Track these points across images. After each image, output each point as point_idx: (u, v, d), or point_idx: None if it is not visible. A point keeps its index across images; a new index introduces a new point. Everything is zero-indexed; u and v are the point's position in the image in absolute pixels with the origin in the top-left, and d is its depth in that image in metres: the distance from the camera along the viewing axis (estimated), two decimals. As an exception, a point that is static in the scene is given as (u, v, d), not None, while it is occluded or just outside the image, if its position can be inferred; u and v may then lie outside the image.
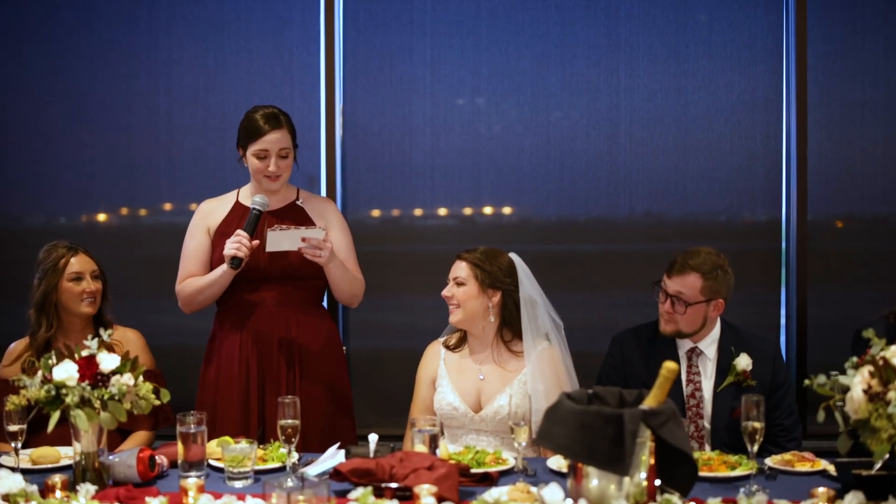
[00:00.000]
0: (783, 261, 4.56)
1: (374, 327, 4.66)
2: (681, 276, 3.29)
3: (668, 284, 3.32)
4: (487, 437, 3.31)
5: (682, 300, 3.29)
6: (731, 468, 2.80)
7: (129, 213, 4.74)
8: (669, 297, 3.31)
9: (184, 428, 2.75)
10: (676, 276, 3.30)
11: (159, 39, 4.66)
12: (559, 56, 4.59)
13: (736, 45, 4.53)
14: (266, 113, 3.53)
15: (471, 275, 3.37)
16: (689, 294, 3.28)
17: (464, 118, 4.63)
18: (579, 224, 4.61)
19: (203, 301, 3.56)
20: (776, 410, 3.30)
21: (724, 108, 4.54)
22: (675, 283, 3.31)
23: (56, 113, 4.69)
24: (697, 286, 3.28)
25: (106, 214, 4.76)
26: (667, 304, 3.32)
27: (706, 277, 3.29)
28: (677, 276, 3.30)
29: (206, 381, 3.60)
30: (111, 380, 2.57)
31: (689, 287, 3.29)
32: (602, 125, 4.57)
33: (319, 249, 3.37)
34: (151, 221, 4.73)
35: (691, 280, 3.28)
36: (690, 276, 3.28)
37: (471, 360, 3.44)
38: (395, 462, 2.57)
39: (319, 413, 3.50)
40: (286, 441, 2.80)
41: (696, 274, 3.29)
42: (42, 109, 4.69)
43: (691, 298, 3.28)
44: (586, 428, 2.26)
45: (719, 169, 4.54)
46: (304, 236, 3.35)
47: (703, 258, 3.31)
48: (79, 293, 3.48)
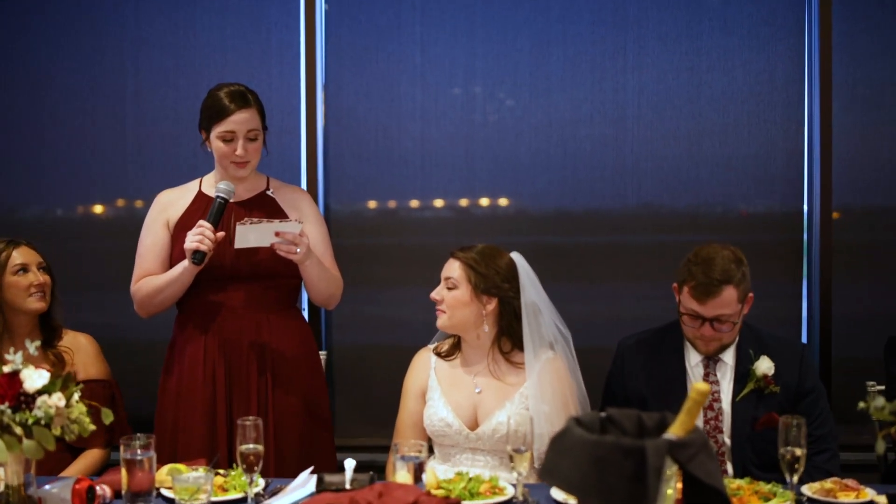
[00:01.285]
0: (805, 253, 4.23)
1: (359, 323, 4.32)
2: (716, 297, 2.89)
3: (704, 311, 2.91)
4: (484, 457, 2.92)
5: (724, 319, 2.92)
6: (765, 500, 2.43)
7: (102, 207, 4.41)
8: (707, 322, 2.93)
9: (128, 454, 2.36)
10: (711, 300, 2.89)
11: (126, 14, 4.31)
12: (560, 33, 4.24)
13: (754, 21, 4.19)
14: (232, 91, 3.15)
15: (464, 277, 2.98)
16: (730, 311, 2.91)
17: (457, 102, 4.28)
18: (583, 215, 4.27)
19: (161, 302, 3.17)
20: (807, 420, 2.92)
21: (741, 90, 4.20)
22: (711, 307, 2.90)
23: (13, 97, 4.33)
24: (734, 297, 2.90)
25: (84, 207, 4.43)
26: (705, 329, 2.93)
27: (738, 285, 2.91)
28: (712, 300, 2.89)
29: (165, 393, 3.21)
30: (37, 401, 2.18)
31: (728, 303, 2.90)
32: (608, 108, 4.22)
33: (295, 245, 2.99)
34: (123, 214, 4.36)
35: (728, 295, 2.89)
36: (726, 292, 2.89)
37: (465, 370, 3.05)
38: (373, 497, 2.18)
39: (295, 428, 3.14)
40: (247, 470, 2.42)
41: (729, 287, 2.89)
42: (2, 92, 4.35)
43: (734, 314, 2.92)
44: (601, 462, 1.87)
45: (735, 156, 4.21)
46: (277, 230, 2.98)
47: (725, 264, 2.90)
48: (25, 287, 3.13)
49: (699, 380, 2.99)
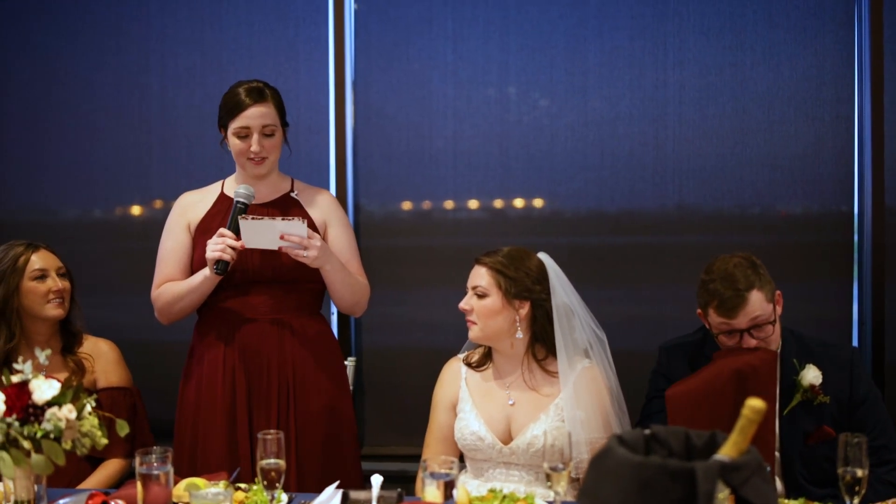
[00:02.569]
0: (856, 254, 4.05)
1: (390, 326, 4.22)
2: (743, 307, 2.75)
3: (737, 323, 2.77)
4: (519, 472, 2.78)
5: (761, 323, 2.77)
6: (821, 522, 2.27)
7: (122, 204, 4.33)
8: (745, 333, 2.78)
9: (144, 468, 2.25)
10: (740, 311, 2.76)
11: (151, 11, 4.24)
12: (598, 27, 4.10)
13: (801, 13, 4.02)
14: (249, 87, 3.06)
15: (493, 283, 2.83)
16: (763, 313, 2.76)
17: (490, 100, 4.16)
18: (621, 216, 4.12)
19: (182, 310, 3.07)
20: (864, 430, 2.75)
21: (788, 86, 4.03)
22: (742, 317, 2.76)
23: (34, 96, 4.29)
24: (762, 299, 2.76)
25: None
26: (746, 340, 2.78)
27: (762, 287, 2.77)
28: (741, 310, 2.75)
29: (184, 401, 3.11)
30: (46, 413, 2.07)
31: (758, 307, 2.76)
32: (647, 106, 4.08)
33: (304, 248, 2.87)
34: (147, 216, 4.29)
35: (755, 301, 2.75)
36: (752, 299, 2.75)
37: (498, 381, 2.91)
38: (401, 518, 2.05)
39: (318, 438, 3.03)
40: (268, 486, 2.29)
41: (753, 291, 2.75)
42: (22, 90, 4.30)
43: (769, 315, 2.78)
44: (647, 486, 1.73)
45: (781, 155, 4.04)
46: (282, 231, 2.86)
47: (741, 272, 2.78)
48: (44, 293, 3.03)
49: None
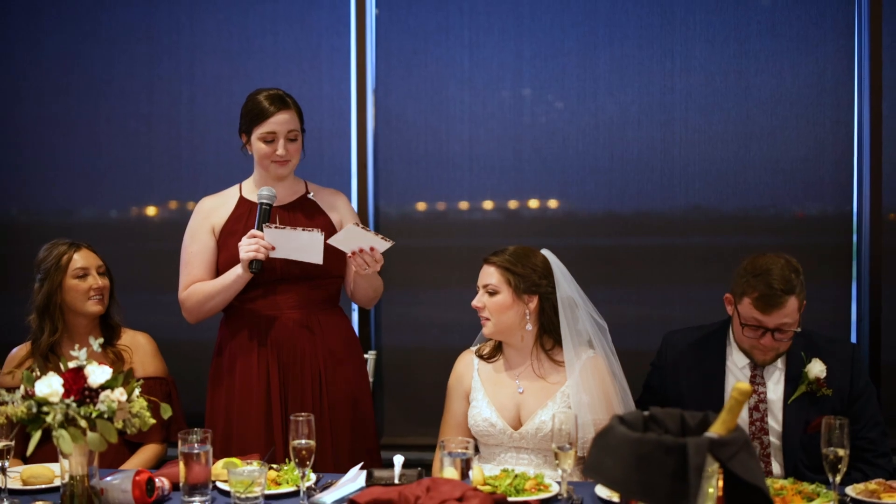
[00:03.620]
0: (854, 256, 4.19)
1: (407, 325, 4.39)
2: (780, 308, 2.90)
3: (766, 321, 2.92)
4: (528, 456, 2.97)
5: (786, 329, 2.93)
6: (808, 499, 2.45)
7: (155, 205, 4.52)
8: (768, 332, 2.94)
9: (186, 448, 2.45)
10: (776, 311, 2.90)
11: (181, 22, 4.42)
12: (608, 36, 4.26)
13: (802, 23, 4.16)
14: (271, 94, 3.25)
15: (503, 281, 3.02)
16: (791, 320, 2.93)
17: (504, 105, 4.32)
18: (630, 217, 4.27)
19: (212, 309, 3.25)
20: (858, 422, 2.93)
21: (790, 93, 4.17)
22: (775, 317, 2.91)
23: (71, 102, 4.47)
24: (795, 307, 2.93)
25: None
26: (766, 339, 2.95)
27: (798, 294, 2.93)
28: (776, 311, 2.90)
29: (215, 397, 3.29)
30: (100, 395, 2.28)
31: (791, 313, 2.92)
32: (655, 111, 4.23)
33: (370, 264, 3.08)
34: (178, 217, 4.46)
35: (791, 306, 2.91)
36: (789, 303, 2.90)
37: (508, 371, 3.10)
38: (421, 492, 2.25)
39: (345, 423, 3.23)
40: (300, 464, 2.49)
41: (791, 297, 2.90)
42: (57, 97, 4.49)
43: (795, 323, 2.94)
44: (643, 460, 1.91)
45: (784, 158, 4.18)
46: (374, 244, 3.04)
47: (786, 274, 2.91)
48: (85, 290, 3.22)
49: (746, 381, 3.00)
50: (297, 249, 3.08)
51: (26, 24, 4.45)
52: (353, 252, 3.06)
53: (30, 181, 4.51)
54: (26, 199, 4.54)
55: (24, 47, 4.47)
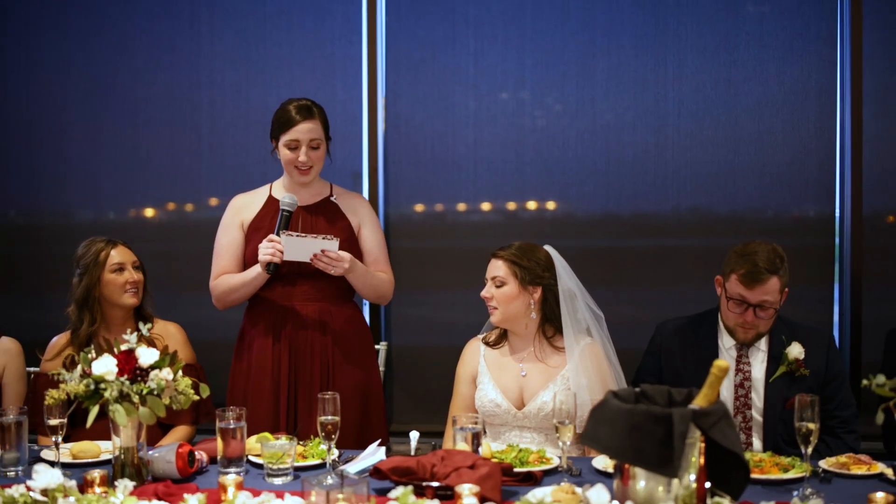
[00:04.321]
0: (837, 257, 4.43)
1: (415, 323, 4.62)
2: (762, 284, 3.19)
3: (749, 296, 3.21)
4: (531, 434, 3.23)
5: (767, 307, 3.21)
6: (784, 470, 2.71)
7: (175, 207, 4.75)
8: (751, 307, 3.22)
9: (223, 423, 2.71)
10: (758, 287, 3.20)
11: (201, 32, 4.66)
12: (605, 46, 4.49)
13: (788, 34, 4.39)
14: (299, 105, 3.50)
15: (509, 273, 3.28)
16: (773, 298, 3.21)
17: (507, 110, 4.56)
18: (625, 219, 4.51)
19: (237, 299, 3.55)
20: (832, 401, 3.21)
21: (776, 99, 4.41)
22: (757, 293, 3.21)
23: (99, 107, 4.72)
24: (777, 287, 3.22)
25: (153, 209, 4.77)
26: (748, 315, 3.23)
27: (781, 277, 3.22)
28: (759, 287, 3.20)
29: (236, 377, 3.58)
30: (150, 374, 2.54)
31: (773, 292, 3.21)
32: (649, 117, 4.47)
33: (332, 264, 3.33)
34: (196, 216, 4.71)
35: (772, 285, 3.20)
36: (771, 282, 3.20)
37: (512, 356, 3.36)
38: (437, 461, 2.51)
39: (354, 406, 3.46)
40: (326, 437, 2.75)
41: (774, 277, 3.20)
42: (84, 104, 4.73)
43: (776, 301, 3.22)
44: (634, 428, 2.18)
45: (770, 162, 4.42)
46: (321, 247, 3.32)
47: (771, 257, 3.21)
48: (122, 284, 3.47)
49: (733, 361, 3.28)
50: (314, 253, 3.34)
51: (57, 37, 4.70)
52: (312, 259, 3.32)
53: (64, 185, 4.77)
54: (37, 201, 4.80)
55: (55, 58, 4.71)
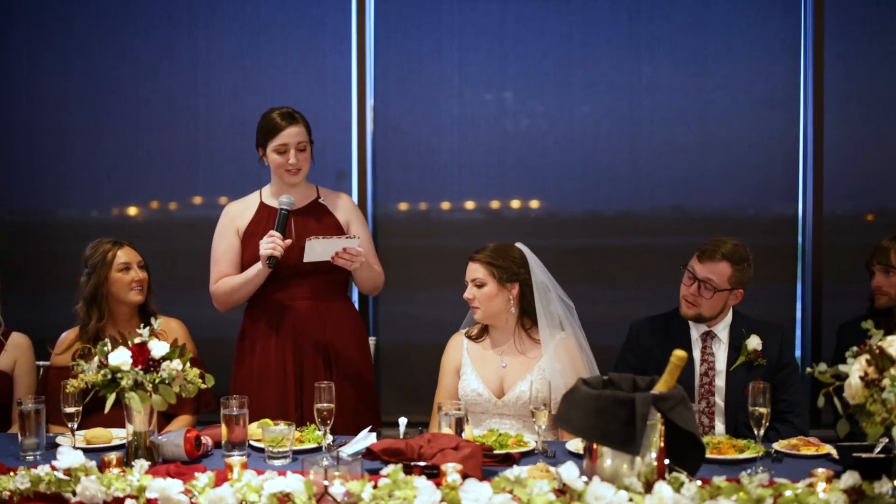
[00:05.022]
0: (800, 255, 4.71)
1: (401, 321, 4.87)
2: (712, 262, 3.49)
3: (698, 270, 3.51)
4: (510, 421, 3.48)
5: (710, 286, 3.48)
6: (740, 451, 2.97)
7: (175, 206, 4.99)
8: (697, 282, 3.49)
9: (227, 410, 2.95)
10: (708, 262, 3.50)
11: (199, 41, 4.89)
12: (583, 57, 4.75)
13: (755, 46, 4.67)
14: (282, 112, 3.73)
15: (488, 274, 3.52)
16: (718, 281, 3.48)
17: (490, 117, 4.82)
18: (602, 220, 4.77)
19: (238, 299, 3.75)
20: (782, 388, 3.49)
21: (743, 107, 4.69)
22: (705, 268, 3.50)
23: (100, 111, 4.93)
24: (726, 274, 3.49)
25: (137, 208, 5.00)
26: (693, 288, 3.51)
27: (735, 268, 3.49)
28: (709, 262, 3.49)
29: (239, 376, 3.77)
30: (161, 365, 2.78)
31: (719, 274, 3.48)
32: (624, 124, 4.73)
33: (353, 260, 3.56)
34: (184, 215, 4.95)
35: (722, 268, 3.48)
36: (721, 264, 3.48)
37: (493, 349, 3.61)
38: (424, 443, 2.76)
39: (350, 396, 3.67)
40: (322, 423, 3.00)
41: (726, 262, 3.49)
42: (86, 107, 4.94)
43: (719, 285, 3.48)
44: (601, 411, 2.44)
45: (738, 166, 4.70)
46: (343, 246, 3.54)
47: (733, 248, 3.51)
48: (128, 282, 3.69)
49: (699, 352, 3.55)
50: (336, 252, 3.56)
51: (60, 45, 4.92)
52: (333, 256, 3.55)
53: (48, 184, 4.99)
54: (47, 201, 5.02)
55: (51, 62, 4.93)
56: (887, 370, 2.37)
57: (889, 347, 2.41)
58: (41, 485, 2.52)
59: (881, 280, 3.80)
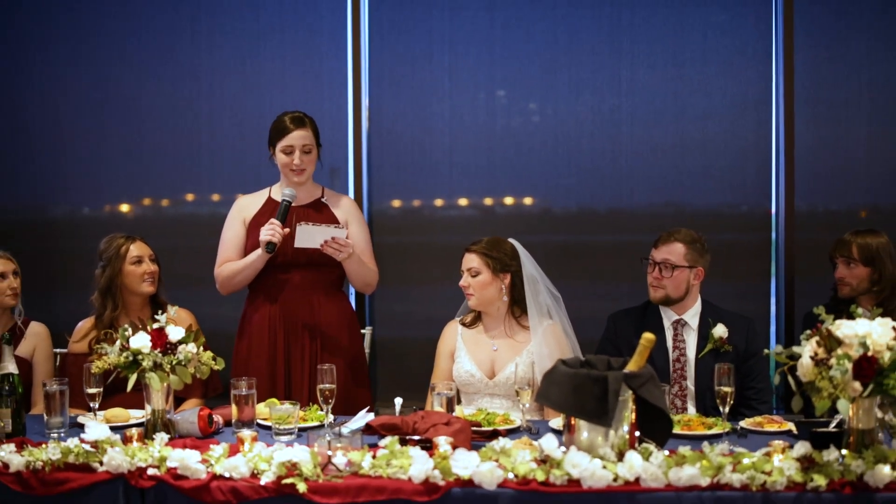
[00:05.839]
0: (773, 251, 4.95)
1: (396, 317, 5.11)
2: (667, 245, 3.83)
3: (655, 255, 3.84)
4: (500, 400, 3.75)
5: (668, 265, 3.79)
6: (708, 427, 3.24)
7: (178, 205, 5.24)
8: (657, 266, 3.80)
9: (237, 391, 3.20)
10: (663, 246, 3.84)
11: (201, 48, 5.12)
12: (567, 62, 5.01)
13: (729, 52, 4.93)
14: (292, 116, 4.01)
15: (483, 264, 3.80)
16: (674, 259, 3.80)
17: (479, 119, 5.06)
18: (584, 216, 5.02)
19: (239, 282, 4.01)
20: (749, 376, 3.77)
21: (718, 109, 4.94)
22: (661, 252, 3.83)
23: (106, 115, 5.15)
24: (682, 253, 3.81)
25: (129, 205, 5.25)
26: (655, 272, 3.83)
27: (688, 247, 3.81)
28: (663, 246, 3.84)
29: (238, 353, 4.06)
30: (178, 348, 3.04)
31: (675, 254, 3.81)
32: (606, 125, 4.98)
33: (341, 249, 3.80)
34: (197, 212, 5.20)
35: (676, 248, 3.81)
36: (675, 245, 3.81)
37: (485, 335, 3.88)
38: (418, 419, 3.02)
39: (339, 382, 3.91)
40: (324, 402, 3.26)
41: (679, 243, 3.82)
42: (92, 112, 5.17)
43: (677, 262, 3.80)
44: (577, 388, 2.70)
45: (714, 165, 4.95)
46: (332, 235, 3.79)
47: (685, 233, 3.86)
48: (140, 274, 3.95)
49: (671, 339, 3.81)
50: (325, 240, 3.80)
51: (68, 51, 5.14)
52: (322, 245, 3.80)
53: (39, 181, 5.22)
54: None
55: (64, 68, 5.15)
56: (834, 350, 2.65)
57: (837, 330, 2.68)
58: (70, 456, 2.77)
59: (843, 271, 4.07)
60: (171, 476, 2.72)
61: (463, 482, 2.64)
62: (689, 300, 3.84)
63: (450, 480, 2.64)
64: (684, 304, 3.84)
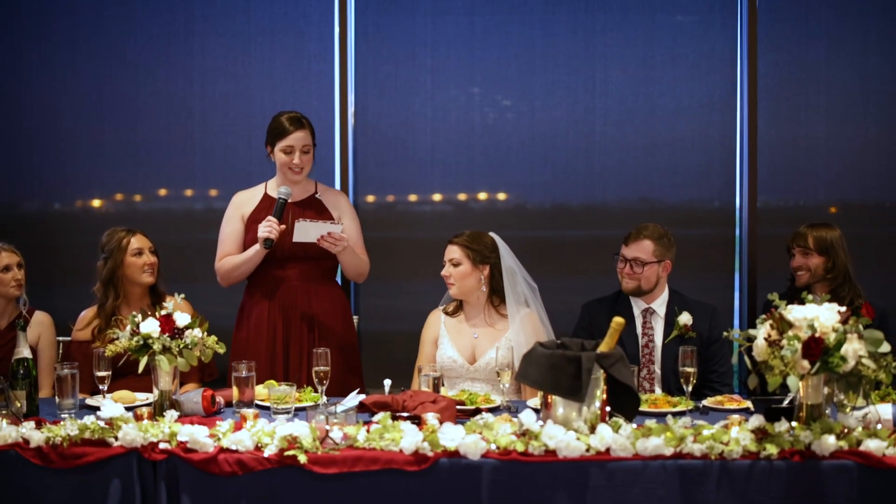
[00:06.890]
0: (737, 246, 5.23)
1: (381, 311, 5.34)
2: (636, 242, 4.08)
3: (626, 252, 4.09)
4: (480, 385, 4.00)
5: (639, 262, 4.05)
6: (673, 406, 3.51)
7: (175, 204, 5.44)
8: (628, 262, 4.05)
9: (237, 373, 3.43)
10: (633, 244, 4.08)
11: (195, 49, 5.32)
12: (543, 64, 5.27)
13: (696, 56, 5.21)
14: (291, 116, 4.20)
15: (463, 255, 4.04)
16: (644, 256, 4.05)
17: (460, 119, 5.31)
18: (560, 212, 5.29)
19: (238, 276, 4.22)
20: (712, 360, 4.04)
21: (686, 110, 5.22)
22: (632, 249, 4.08)
23: (106, 113, 5.35)
24: (650, 249, 4.06)
25: (101, 200, 5.44)
26: (626, 268, 4.08)
27: (656, 243, 4.07)
28: (633, 244, 4.08)
29: (237, 341, 4.26)
30: (185, 333, 3.28)
31: (644, 251, 4.06)
32: (580, 125, 5.25)
33: (336, 243, 4.03)
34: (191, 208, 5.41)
35: (645, 245, 4.06)
36: (644, 242, 4.06)
37: (466, 323, 4.13)
38: (407, 398, 3.28)
39: (333, 367, 4.11)
40: (319, 383, 3.51)
41: (648, 240, 4.07)
42: (91, 110, 5.36)
43: (646, 259, 4.05)
44: (553, 367, 2.97)
45: (682, 163, 5.23)
46: (328, 230, 4.01)
47: (653, 229, 4.11)
48: (141, 266, 4.16)
49: (640, 326, 4.08)
50: (321, 235, 4.03)
51: (64, 51, 5.33)
52: (318, 239, 4.02)
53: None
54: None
55: (60, 69, 5.33)
56: (786, 332, 2.92)
57: (788, 314, 2.95)
58: (87, 432, 3.00)
59: (800, 261, 4.35)
60: (182, 449, 2.95)
61: (449, 453, 2.89)
62: (658, 290, 4.11)
63: (438, 452, 2.89)
64: (653, 293, 4.11)
